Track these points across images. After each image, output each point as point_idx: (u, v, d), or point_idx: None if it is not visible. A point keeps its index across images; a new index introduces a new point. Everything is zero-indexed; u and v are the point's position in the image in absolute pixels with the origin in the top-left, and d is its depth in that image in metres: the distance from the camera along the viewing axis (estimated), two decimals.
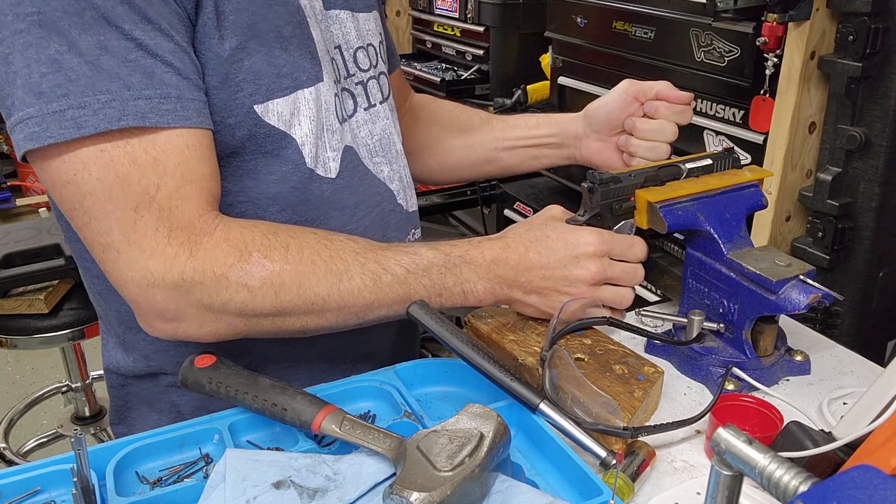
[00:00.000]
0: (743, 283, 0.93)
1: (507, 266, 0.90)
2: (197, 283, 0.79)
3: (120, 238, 0.78)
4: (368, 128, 1.00)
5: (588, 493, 0.71)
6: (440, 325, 0.84)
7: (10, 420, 2.50)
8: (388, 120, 1.04)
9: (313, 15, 0.92)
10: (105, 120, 0.74)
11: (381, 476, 0.72)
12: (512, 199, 2.06)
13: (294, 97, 0.87)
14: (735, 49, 1.39)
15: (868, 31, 1.19)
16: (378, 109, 1.02)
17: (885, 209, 1.27)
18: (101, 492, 0.71)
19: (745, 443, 0.52)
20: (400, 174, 1.05)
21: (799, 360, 0.99)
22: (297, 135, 0.88)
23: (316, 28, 0.92)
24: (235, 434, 0.80)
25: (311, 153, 0.90)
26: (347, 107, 0.97)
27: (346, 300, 0.84)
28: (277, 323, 0.84)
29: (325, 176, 0.92)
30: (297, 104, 0.87)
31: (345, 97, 0.97)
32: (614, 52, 1.70)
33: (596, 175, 0.98)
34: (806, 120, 1.31)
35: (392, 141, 1.04)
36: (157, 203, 0.78)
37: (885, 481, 0.46)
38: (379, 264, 0.85)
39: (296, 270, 0.81)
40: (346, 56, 0.98)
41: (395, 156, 1.04)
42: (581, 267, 0.91)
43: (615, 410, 0.81)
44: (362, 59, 1.00)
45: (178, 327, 0.83)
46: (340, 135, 0.94)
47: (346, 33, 0.98)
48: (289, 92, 0.86)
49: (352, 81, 0.98)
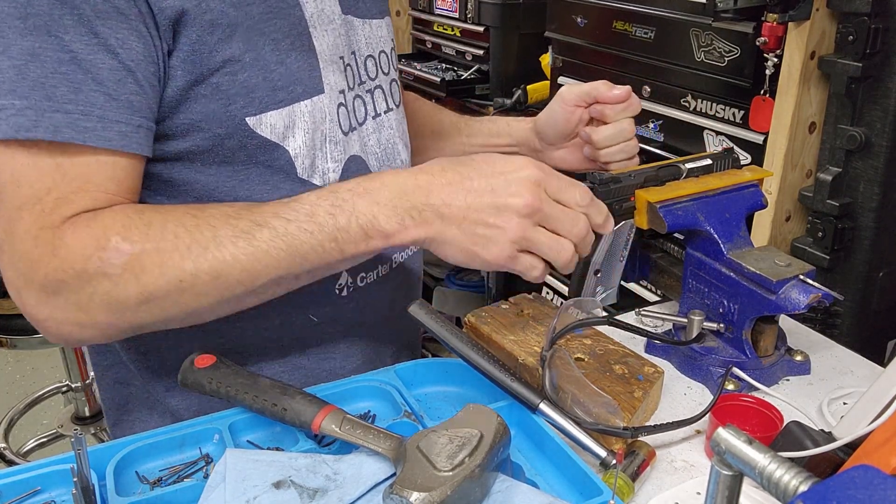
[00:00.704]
0: (743, 283, 0.93)
1: (417, 188, 0.77)
2: (60, 282, 0.75)
3: (3, 237, 0.76)
4: (376, 137, 0.99)
5: (588, 493, 0.71)
6: (440, 325, 0.84)
7: (10, 420, 2.50)
8: (392, 130, 1.02)
9: (323, 22, 0.90)
10: (15, 127, 0.72)
11: (381, 476, 0.72)
12: None
13: (290, 110, 0.86)
14: (735, 49, 1.39)
15: (868, 31, 1.19)
16: (383, 119, 1.00)
17: (885, 209, 1.27)
18: (101, 492, 0.71)
19: (745, 443, 0.52)
20: None
21: (799, 360, 0.99)
22: (290, 147, 0.86)
23: (323, 36, 0.90)
24: (235, 434, 0.80)
25: (305, 164, 0.88)
26: (360, 114, 0.96)
27: (219, 269, 0.75)
28: (154, 312, 0.77)
29: (324, 185, 0.89)
30: (293, 117, 0.86)
31: (357, 105, 0.96)
32: (614, 52, 1.70)
33: (596, 175, 0.98)
34: (806, 120, 1.31)
35: (396, 151, 1.02)
36: (40, 205, 0.75)
37: (885, 481, 0.46)
38: (253, 222, 0.76)
39: (156, 249, 0.75)
40: (358, 62, 0.97)
41: (398, 166, 1.02)
42: (513, 193, 0.75)
43: (615, 410, 0.81)
44: (371, 67, 0.99)
45: (61, 332, 0.79)
46: (344, 145, 0.92)
47: (358, 40, 0.97)
48: (284, 105, 0.85)
49: (363, 89, 0.97)
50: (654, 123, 1.63)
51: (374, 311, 1.01)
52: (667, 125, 1.60)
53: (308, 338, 0.96)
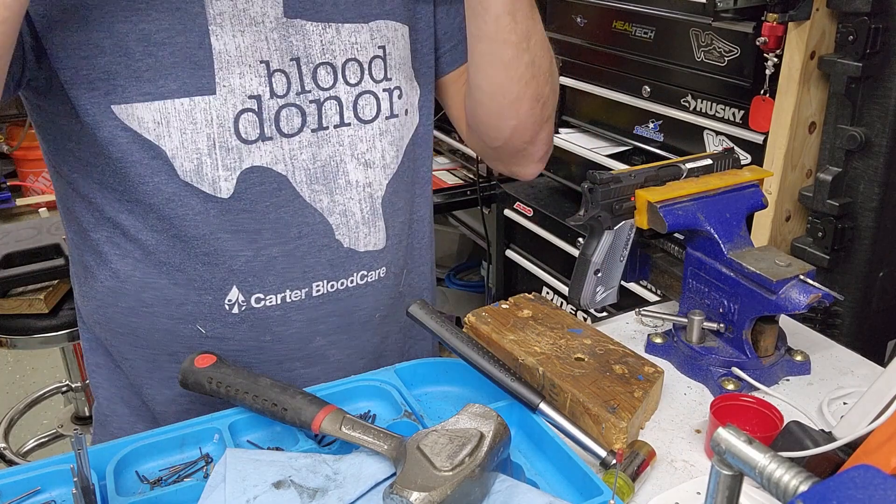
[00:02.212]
0: (743, 283, 0.93)
1: None
2: None
3: None
4: (312, 151, 0.89)
5: (588, 493, 0.71)
6: (440, 325, 0.84)
7: (10, 420, 2.50)
8: (342, 147, 0.91)
9: (237, 22, 0.84)
10: None
11: (381, 476, 0.72)
12: (512, 199, 2.06)
13: (160, 106, 0.82)
14: (735, 49, 1.39)
15: (868, 31, 1.19)
16: (331, 134, 0.90)
17: (885, 209, 1.27)
18: (102, 492, 0.71)
19: (745, 443, 0.52)
20: (347, 208, 0.91)
21: (799, 360, 0.99)
22: (166, 146, 0.82)
23: (233, 37, 0.84)
24: (235, 434, 0.80)
25: (186, 168, 0.83)
26: (290, 125, 0.87)
27: None
28: None
29: (213, 195, 0.85)
30: (166, 114, 0.82)
31: (287, 114, 0.87)
32: (614, 52, 1.70)
33: (596, 175, 0.98)
34: (806, 120, 1.31)
35: (343, 170, 0.91)
36: None
37: (885, 481, 0.46)
38: None
39: None
40: (303, 70, 0.88)
41: (342, 186, 0.91)
42: None
43: (615, 410, 0.82)
44: (324, 76, 0.89)
45: None
46: (239, 154, 0.85)
47: (309, 46, 0.88)
48: (151, 99, 0.81)
49: (305, 98, 0.88)
50: (654, 123, 1.64)
51: (280, 340, 0.92)
52: (667, 125, 1.61)
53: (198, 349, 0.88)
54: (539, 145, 1.00)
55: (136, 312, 0.90)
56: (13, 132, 3.26)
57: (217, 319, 0.89)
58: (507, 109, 0.95)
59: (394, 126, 0.95)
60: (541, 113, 0.96)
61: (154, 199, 0.84)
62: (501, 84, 0.93)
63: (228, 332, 0.90)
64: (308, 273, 0.90)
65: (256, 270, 0.88)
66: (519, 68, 0.91)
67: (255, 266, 0.88)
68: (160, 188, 0.84)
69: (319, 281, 0.91)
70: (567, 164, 1.89)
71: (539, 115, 0.96)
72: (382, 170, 0.94)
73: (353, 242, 0.93)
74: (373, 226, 0.94)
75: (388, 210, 0.95)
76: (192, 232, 0.86)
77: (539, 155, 1.02)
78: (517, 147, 1.00)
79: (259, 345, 0.91)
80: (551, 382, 0.87)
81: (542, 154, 1.02)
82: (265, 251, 0.88)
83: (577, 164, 1.84)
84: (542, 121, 0.97)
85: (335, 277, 0.92)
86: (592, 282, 1.02)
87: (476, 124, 1.00)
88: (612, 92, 1.74)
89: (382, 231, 0.95)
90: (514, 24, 0.89)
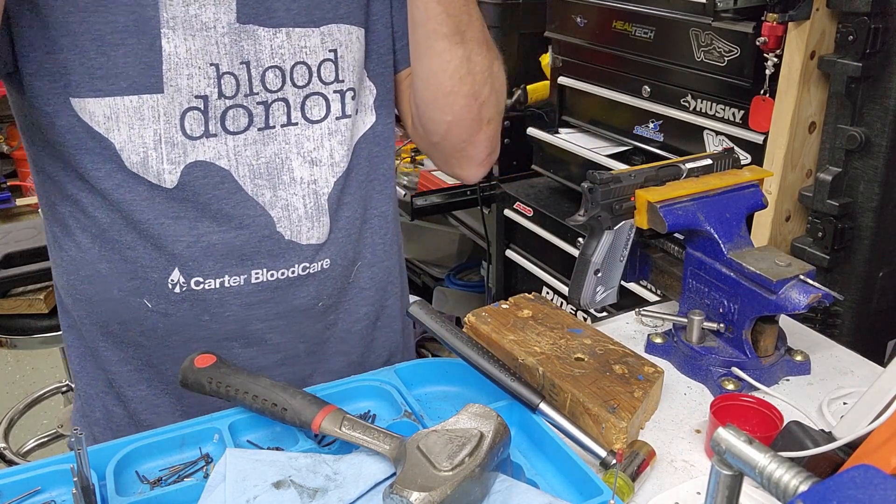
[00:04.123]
0: (743, 283, 0.93)
1: None
2: None
3: None
4: (256, 148, 0.94)
5: (588, 493, 0.72)
6: (440, 325, 0.84)
7: (10, 420, 2.50)
8: (288, 145, 0.95)
9: (188, 27, 0.88)
10: None
11: (381, 476, 0.72)
12: (512, 199, 2.06)
13: (110, 102, 0.87)
14: (735, 49, 1.39)
15: (868, 30, 1.19)
16: (276, 133, 0.95)
17: (885, 209, 1.27)
18: (101, 492, 0.71)
19: (745, 443, 0.52)
20: (290, 203, 0.96)
21: (799, 360, 0.99)
22: (115, 140, 0.88)
23: (183, 40, 0.88)
24: (235, 434, 0.80)
25: (132, 160, 0.89)
26: (236, 124, 0.92)
27: None
28: None
29: (158, 185, 0.91)
30: (115, 110, 0.87)
31: (234, 114, 0.92)
32: (614, 52, 1.70)
33: (596, 175, 0.98)
34: (806, 120, 1.31)
35: (288, 167, 0.96)
36: None
37: (885, 481, 0.46)
38: None
39: None
40: (252, 74, 0.92)
41: (286, 183, 0.95)
42: None
43: (615, 410, 0.82)
44: (272, 78, 0.93)
45: None
46: (184, 148, 0.90)
47: (259, 50, 0.92)
48: (102, 95, 0.87)
49: (252, 100, 0.93)
50: (654, 123, 1.64)
51: (219, 322, 0.96)
52: (667, 125, 1.60)
53: (144, 321, 0.96)
54: (479, 147, 1.02)
55: (92, 281, 0.96)
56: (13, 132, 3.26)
57: (161, 296, 0.94)
58: (442, 102, 0.98)
59: (345, 126, 0.99)
60: (478, 112, 0.99)
61: (105, 185, 0.91)
62: (434, 74, 0.96)
63: (171, 309, 0.95)
64: (247, 261, 0.95)
65: (196, 256, 0.93)
66: (452, 62, 0.94)
67: (195, 251, 0.93)
68: (111, 175, 0.90)
69: (259, 269, 0.96)
70: (567, 164, 1.89)
71: (476, 114, 0.99)
72: (330, 168, 0.98)
73: (295, 235, 0.97)
74: (316, 220, 0.98)
75: (334, 206, 0.99)
76: (139, 216, 0.92)
77: (480, 158, 1.04)
78: (456, 145, 1.02)
79: (198, 323, 0.96)
80: (551, 382, 0.87)
81: (484, 157, 1.04)
82: (205, 238, 0.93)
83: (577, 164, 1.83)
84: (480, 121, 1.00)
85: (275, 267, 0.96)
86: (592, 282, 1.02)
87: (417, 115, 1.03)
88: (612, 92, 1.74)
89: (327, 226, 0.99)
90: (446, 16, 0.93)
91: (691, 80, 1.51)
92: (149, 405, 1.01)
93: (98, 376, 1.03)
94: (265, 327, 0.98)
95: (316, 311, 1.01)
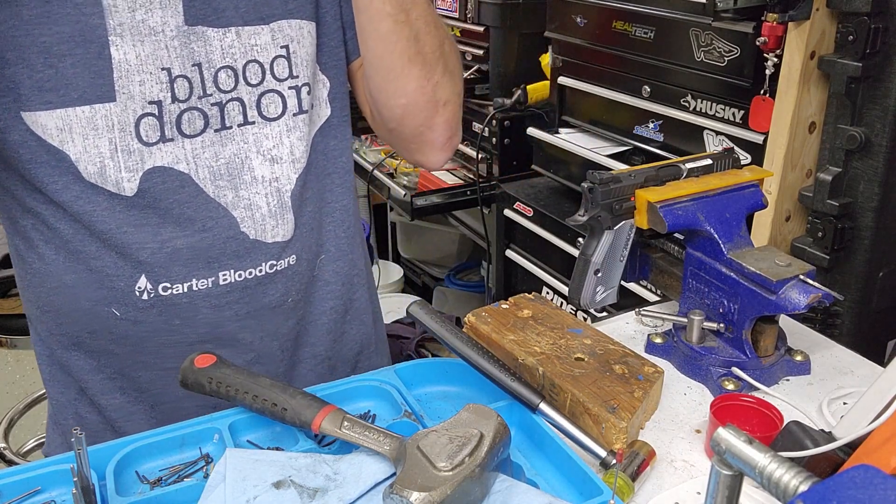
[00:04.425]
0: (743, 283, 0.93)
1: None
2: None
3: None
4: (215, 150, 0.94)
5: (588, 493, 0.72)
6: (440, 325, 0.84)
7: (10, 420, 2.50)
8: (246, 144, 0.95)
9: (136, 33, 0.87)
10: None
11: (381, 476, 0.72)
12: (512, 199, 2.06)
13: (62, 113, 0.86)
14: (735, 49, 1.39)
15: (868, 31, 1.19)
16: (234, 133, 0.94)
17: (885, 209, 1.27)
18: (101, 492, 0.71)
19: (745, 443, 0.52)
20: (253, 202, 0.96)
21: (799, 360, 0.99)
22: (70, 151, 0.87)
23: (133, 47, 0.87)
24: (235, 434, 0.80)
25: (90, 170, 0.88)
26: (192, 126, 0.92)
27: None
28: None
29: (117, 193, 0.90)
30: (68, 121, 0.86)
31: (190, 117, 0.91)
32: (614, 52, 1.70)
33: (596, 175, 0.98)
34: (806, 120, 1.31)
35: (248, 167, 0.95)
36: None
37: (885, 481, 0.46)
38: None
39: None
40: (205, 75, 0.92)
41: (248, 182, 0.95)
42: None
43: (615, 410, 0.82)
44: (224, 79, 0.93)
45: None
46: (141, 155, 0.90)
47: (210, 51, 0.92)
48: (53, 107, 0.86)
49: (207, 102, 0.92)
50: (654, 123, 1.64)
51: (191, 326, 0.96)
52: (667, 125, 1.60)
53: (114, 330, 0.96)
54: (437, 131, 1.00)
55: (59, 293, 0.95)
56: None
57: (129, 304, 0.94)
58: (394, 85, 0.96)
59: (303, 122, 0.99)
60: (433, 94, 0.97)
61: (64, 197, 0.90)
62: (383, 57, 0.94)
63: (140, 316, 0.95)
64: (214, 264, 0.95)
65: (162, 262, 0.93)
66: (399, 42, 0.92)
67: (160, 257, 0.93)
68: (68, 187, 0.89)
69: (226, 271, 0.96)
70: (567, 164, 1.89)
71: (431, 96, 0.97)
72: (291, 164, 0.98)
73: (260, 234, 0.97)
74: (280, 218, 0.98)
75: (297, 203, 0.99)
76: (101, 226, 0.91)
77: (440, 142, 1.02)
78: (414, 130, 1.00)
79: (170, 328, 0.96)
80: (551, 382, 0.87)
81: (444, 141, 1.02)
82: (170, 243, 0.93)
83: (577, 164, 1.83)
84: (436, 103, 0.98)
85: (242, 267, 0.97)
86: (592, 282, 1.02)
87: (372, 103, 1.02)
88: (612, 92, 1.74)
89: (291, 223, 0.99)
90: None
91: (691, 80, 1.51)
92: (124, 413, 1.01)
93: (69, 384, 1.03)
94: (237, 328, 0.98)
95: (286, 308, 1.01)
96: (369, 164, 2.46)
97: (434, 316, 0.85)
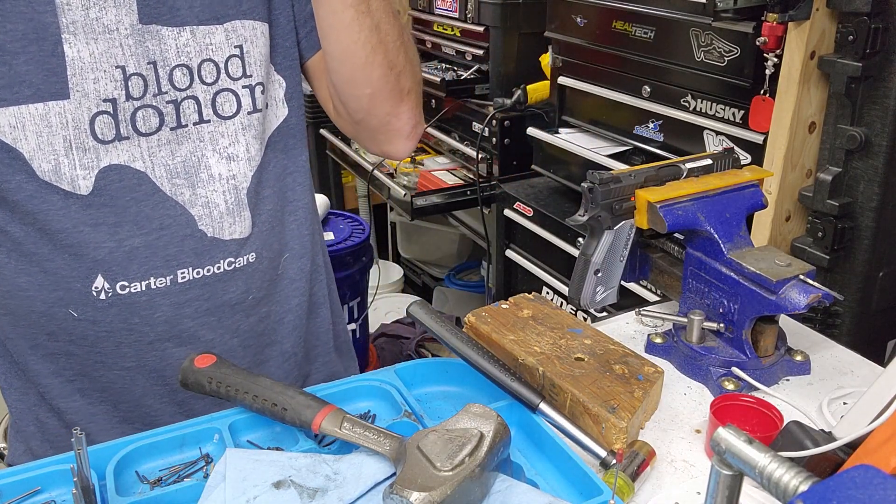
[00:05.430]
0: (743, 283, 0.93)
1: None
2: None
3: None
4: (171, 148, 0.94)
5: (588, 493, 0.71)
6: (440, 325, 0.84)
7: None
8: (202, 142, 0.96)
9: (90, 31, 0.88)
10: None
11: (381, 476, 0.72)
12: (512, 199, 2.06)
13: (16, 111, 0.86)
14: (735, 49, 1.39)
15: (868, 30, 1.19)
16: (190, 131, 0.95)
17: (885, 209, 1.27)
18: (101, 491, 0.71)
19: (745, 443, 0.52)
20: (210, 200, 0.96)
21: (799, 360, 0.99)
22: (23, 149, 0.87)
23: (86, 44, 0.88)
24: (235, 434, 0.80)
25: (44, 168, 0.88)
26: (148, 125, 0.92)
27: None
28: None
29: (73, 192, 0.90)
30: (21, 118, 0.86)
31: (144, 115, 0.92)
32: (614, 52, 1.70)
33: (596, 175, 0.98)
34: (806, 120, 1.31)
35: (205, 165, 0.96)
36: None
37: (885, 481, 0.46)
38: None
39: None
40: (160, 74, 0.93)
41: (204, 180, 0.96)
42: None
43: (615, 410, 0.81)
44: (180, 77, 0.94)
45: None
46: (96, 153, 0.90)
47: (165, 50, 0.92)
48: (6, 105, 0.86)
49: (162, 100, 0.93)
50: (654, 123, 1.64)
51: (150, 324, 0.96)
52: (667, 125, 1.60)
53: (73, 331, 0.95)
54: (403, 119, 1.02)
55: (14, 295, 0.94)
56: None
57: (86, 304, 0.93)
58: (359, 75, 0.97)
59: (258, 120, 1.00)
60: (397, 82, 0.98)
61: (17, 196, 0.89)
62: (347, 48, 0.95)
63: (99, 316, 0.94)
64: (172, 262, 0.95)
65: (119, 260, 0.93)
66: (362, 31, 0.94)
67: (117, 256, 0.92)
68: (22, 186, 0.89)
69: (184, 269, 0.96)
70: (567, 164, 1.89)
71: (395, 84, 0.98)
72: (247, 162, 0.99)
73: (218, 232, 0.98)
74: (237, 216, 0.99)
75: (253, 200, 1.00)
76: (56, 226, 0.90)
77: (406, 130, 1.04)
78: (380, 119, 1.02)
79: (129, 327, 0.96)
80: (551, 382, 0.87)
81: (409, 129, 1.04)
82: (127, 242, 0.93)
83: (577, 164, 1.83)
84: (400, 91, 1.00)
85: (200, 265, 0.97)
86: (592, 282, 1.02)
87: (336, 96, 1.03)
88: (612, 92, 1.74)
89: (248, 220, 1.00)
90: None
91: (691, 80, 1.51)
92: (85, 415, 1.01)
93: (28, 390, 1.02)
94: (196, 325, 0.98)
95: (246, 305, 1.02)
96: (369, 164, 2.46)
97: (434, 316, 0.85)
